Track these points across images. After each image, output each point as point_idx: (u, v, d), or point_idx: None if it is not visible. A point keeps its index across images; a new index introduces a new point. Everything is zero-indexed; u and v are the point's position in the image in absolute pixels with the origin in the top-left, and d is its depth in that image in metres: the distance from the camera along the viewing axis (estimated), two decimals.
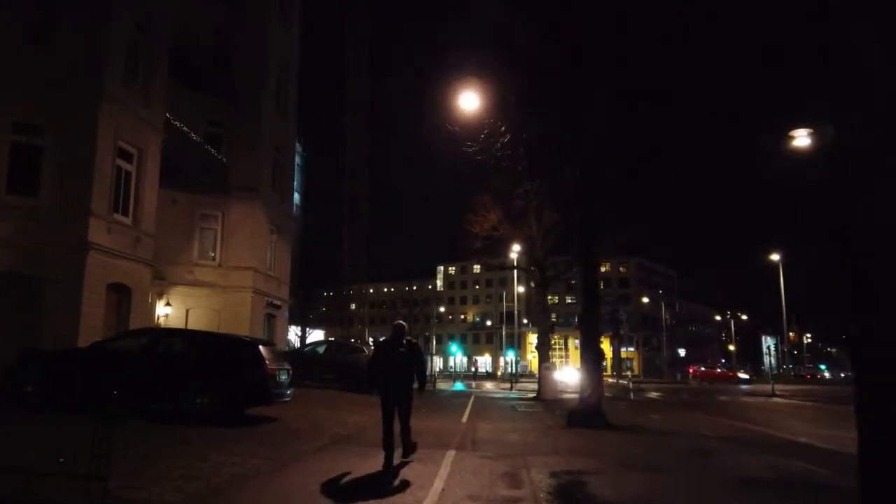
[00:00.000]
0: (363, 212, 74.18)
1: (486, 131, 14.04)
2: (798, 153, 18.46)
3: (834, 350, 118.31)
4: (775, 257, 45.95)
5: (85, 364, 10.36)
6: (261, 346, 10.95)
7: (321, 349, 21.24)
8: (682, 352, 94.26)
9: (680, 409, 20.30)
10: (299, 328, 50.92)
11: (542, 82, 12.15)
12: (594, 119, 12.19)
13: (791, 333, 76.37)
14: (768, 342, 55.28)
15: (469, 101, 13.27)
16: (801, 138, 17.97)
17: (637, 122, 12.87)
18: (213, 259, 22.81)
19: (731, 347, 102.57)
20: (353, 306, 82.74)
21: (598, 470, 7.85)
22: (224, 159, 22.76)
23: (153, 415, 10.34)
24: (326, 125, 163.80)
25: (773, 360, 55.38)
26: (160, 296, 21.24)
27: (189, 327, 21.51)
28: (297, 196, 62.91)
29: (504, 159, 14.08)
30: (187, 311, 21.97)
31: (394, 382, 7.52)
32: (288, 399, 11.54)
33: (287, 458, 7.85)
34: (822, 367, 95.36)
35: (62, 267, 13.87)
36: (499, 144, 13.65)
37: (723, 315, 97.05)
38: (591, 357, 13.07)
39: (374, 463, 7.47)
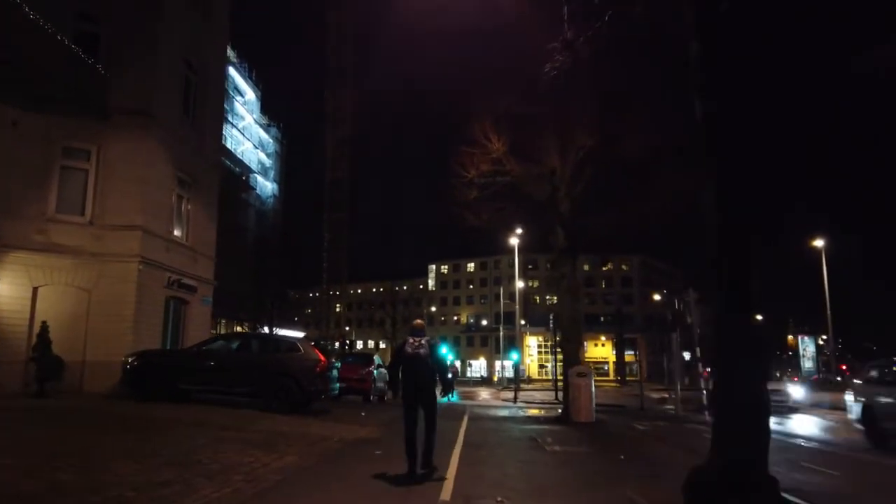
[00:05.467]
0: (344, 199, 67.47)
1: None
2: None
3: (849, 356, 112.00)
4: (819, 243, 38.65)
5: None
6: None
7: (235, 344, 13.82)
8: (686, 355, 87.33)
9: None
10: (269, 328, 43.55)
11: None
12: None
13: (791, 336, 69.57)
14: (806, 343, 48.22)
15: None
16: None
17: None
18: (82, 214, 15.40)
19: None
20: (337, 307, 75.60)
21: None
22: (101, 68, 15.41)
23: None
24: (306, 103, 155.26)
25: (810, 364, 48.40)
26: None
27: (36, 315, 14.26)
28: (275, 186, 55.66)
29: None
30: (35, 289, 14.53)
31: (416, 386, 6.97)
32: None
33: None
34: None
35: None
36: None
37: None
38: (741, 349, 5.71)
39: None
